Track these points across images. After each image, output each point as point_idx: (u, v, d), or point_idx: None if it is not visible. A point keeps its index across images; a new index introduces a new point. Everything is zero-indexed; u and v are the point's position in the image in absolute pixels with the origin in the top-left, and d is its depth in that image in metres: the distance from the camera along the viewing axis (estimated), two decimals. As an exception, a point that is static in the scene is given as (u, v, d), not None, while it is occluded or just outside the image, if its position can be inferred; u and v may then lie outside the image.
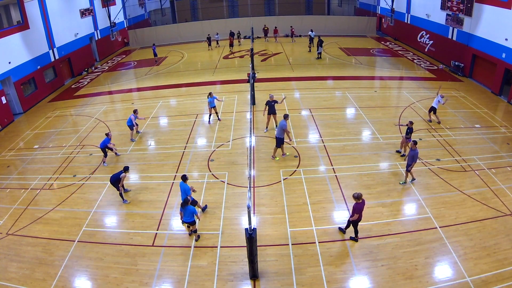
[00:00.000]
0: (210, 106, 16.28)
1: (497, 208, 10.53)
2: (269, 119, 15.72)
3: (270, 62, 27.38)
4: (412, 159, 11.25)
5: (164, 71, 26.62)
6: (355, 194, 9.00)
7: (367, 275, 8.54)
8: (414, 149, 11.22)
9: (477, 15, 20.74)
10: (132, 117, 15.30)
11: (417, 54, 28.43)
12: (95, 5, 30.32)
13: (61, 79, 24.97)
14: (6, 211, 11.56)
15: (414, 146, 11.24)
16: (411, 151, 11.32)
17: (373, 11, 37.20)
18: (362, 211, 9.15)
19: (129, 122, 15.35)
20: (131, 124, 15.32)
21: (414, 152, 11.21)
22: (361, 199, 8.99)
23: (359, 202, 8.99)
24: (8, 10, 21.10)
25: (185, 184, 10.24)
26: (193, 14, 43.66)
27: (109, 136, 13.61)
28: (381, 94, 20.00)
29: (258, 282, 8.44)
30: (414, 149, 11.21)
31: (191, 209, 9.30)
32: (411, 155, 11.29)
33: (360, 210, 9.07)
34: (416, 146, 11.26)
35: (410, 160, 11.33)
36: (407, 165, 11.50)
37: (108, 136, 13.58)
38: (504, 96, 18.95)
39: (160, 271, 8.91)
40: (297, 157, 13.65)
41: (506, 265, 8.56)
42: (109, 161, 13.91)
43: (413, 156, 11.22)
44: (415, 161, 11.30)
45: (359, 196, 8.95)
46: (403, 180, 11.88)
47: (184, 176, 10.35)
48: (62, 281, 8.77)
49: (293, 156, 13.71)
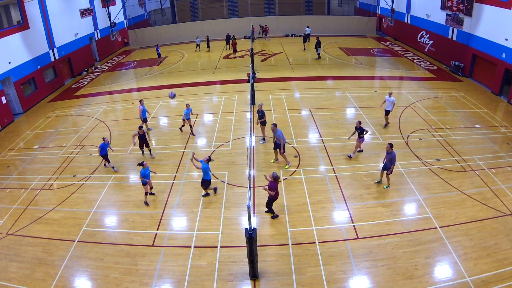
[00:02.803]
0: (186, 118, 15.50)
1: (497, 208, 10.53)
2: (263, 130, 15.00)
3: (270, 62, 27.39)
4: (391, 162, 11.04)
5: (164, 71, 26.62)
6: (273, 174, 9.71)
7: (367, 275, 8.54)
8: (390, 152, 11.00)
9: (477, 15, 20.74)
10: (140, 108, 15.64)
11: (417, 54, 28.43)
12: (95, 5, 30.32)
13: (61, 79, 24.97)
14: (6, 211, 11.56)
15: (390, 149, 11.01)
16: (388, 154, 11.10)
17: (373, 11, 37.19)
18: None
19: (144, 114, 15.74)
20: (145, 116, 15.81)
21: (391, 155, 10.99)
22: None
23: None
24: (8, 10, 21.09)
25: (205, 164, 11.00)
26: (193, 14, 43.65)
27: (105, 141, 13.03)
28: (381, 94, 19.95)
29: (258, 282, 8.44)
30: (391, 152, 10.99)
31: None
32: (389, 158, 11.07)
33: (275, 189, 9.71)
34: (392, 149, 11.02)
35: (389, 163, 11.12)
36: (386, 168, 11.24)
37: (104, 141, 13.01)
38: (504, 96, 18.95)
39: (160, 271, 8.91)
40: (297, 157, 13.65)
41: (506, 265, 8.56)
42: (113, 161, 13.80)
43: (391, 159, 11.01)
44: (393, 164, 11.08)
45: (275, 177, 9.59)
46: (386, 184, 11.65)
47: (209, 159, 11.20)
48: (62, 281, 8.77)
49: (293, 156, 13.71)
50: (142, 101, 16.02)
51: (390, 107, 15.26)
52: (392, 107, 15.28)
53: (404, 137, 14.81)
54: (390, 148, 11.04)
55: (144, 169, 11.02)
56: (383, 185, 11.69)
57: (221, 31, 35.31)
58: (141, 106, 15.68)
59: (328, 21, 36.74)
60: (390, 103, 15.17)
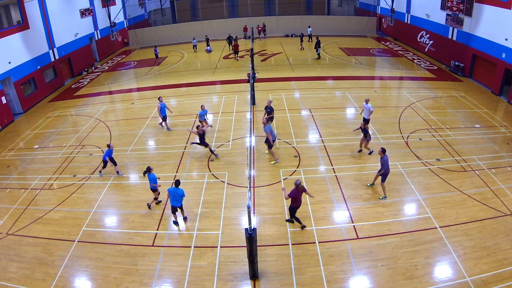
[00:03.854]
0: (201, 119, 15.50)
1: (497, 208, 10.53)
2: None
3: (270, 62, 27.38)
4: (382, 167, 10.80)
5: (164, 71, 26.62)
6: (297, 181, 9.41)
7: (367, 275, 8.54)
8: (382, 156, 10.74)
9: (477, 15, 20.74)
10: (159, 105, 15.70)
11: (417, 54, 28.43)
12: (95, 5, 30.32)
13: (61, 79, 24.97)
14: (6, 211, 11.56)
15: (381, 153, 10.77)
16: (380, 159, 10.87)
17: (373, 11, 37.19)
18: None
19: (163, 112, 15.81)
20: (165, 114, 15.90)
21: (382, 159, 10.73)
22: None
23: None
24: (8, 10, 21.10)
25: (178, 188, 9.97)
26: (193, 14, 43.65)
27: (111, 148, 12.76)
28: (381, 94, 20.01)
29: (258, 282, 8.44)
30: (383, 157, 10.75)
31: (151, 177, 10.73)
32: (381, 163, 10.83)
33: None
34: (384, 154, 10.73)
35: (381, 167, 10.86)
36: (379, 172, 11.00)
37: (110, 147, 12.74)
38: (504, 96, 18.95)
39: (160, 271, 8.91)
40: (297, 157, 13.65)
41: (506, 265, 8.56)
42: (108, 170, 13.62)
43: (382, 164, 10.76)
44: (382, 169, 10.78)
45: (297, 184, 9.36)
46: (382, 195, 11.25)
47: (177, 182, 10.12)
48: (62, 281, 8.77)
49: (293, 156, 13.71)
50: (161, 98, 16.04)
51: (367, 115, 14.42)
52: (369, 115, 14.44)
53: (404, 137, 14.81)
54: (382, 153, 10.76)
55: (153, 174, 10.81)
56: (378, 196, 11.27)
57: (221, 31, 35.31)
58: (160, 103, 15.75)
59: (328, 21, 36.74)
60: (367, 111, 14.33)
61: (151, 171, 10.84)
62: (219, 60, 28.54)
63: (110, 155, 12.73)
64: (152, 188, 10.97)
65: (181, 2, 43.26)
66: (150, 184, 10.86)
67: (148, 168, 10.85)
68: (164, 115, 15.98)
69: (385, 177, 10.96)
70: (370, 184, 11.77)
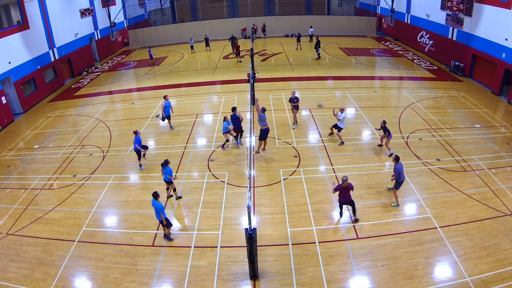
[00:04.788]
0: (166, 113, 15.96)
1: (497, 208, 10.53)
2: (295, 114, 16.00)
3: (270, 62, 27.38)
4: (395, 174, 10.50)
5: (164, 71, 26.62)
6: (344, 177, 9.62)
7: (367, 275, 8.54)
8: (395, 164, 10.43)
9: (477, 15, 20.74)
10: (162, 104, 15.76)
11: (417, 54, 28.43)
12: (95, 5, 30.32)
13: (61, 79, 24.97)
14: (6, 211, 11.56)
15: (394, 161, 10.46)
16: (394, 166, 10.55)
17: (373, 11, 37.20)
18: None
19: (167, 111, 15.85)
20: (168, 113, 15.94)
21: (395, 167, 10.43)
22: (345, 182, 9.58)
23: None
24: (8, 10, 21.10)
25: (157, 202, 9.43)
26: (193, 14, 43.67)
27: (138, 134, 12.84)
28: (381, 94, 20.01)
29: (258, 282, 8.44)
30: (395, 164, 10.40)
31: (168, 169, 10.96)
32: (394, 170, 10.55)
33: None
34: (397, 161, 10.36)
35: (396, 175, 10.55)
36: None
37: (137, 134, 12.83)
38: (504, 96, 18.95)
39: (160, 271, 8.91)
40: (297, 157, 13.65)
41: (506, 265, 8.56)
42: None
43: (395, 171, 10.48)
44: (395, 177, 10.45)
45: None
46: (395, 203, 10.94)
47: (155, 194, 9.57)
48: (62, 281, 8.77)
49: (293, 156, 13.71)
50: (166, 97, 16.07)
51: (342, 124, 14.01)
52: (343, 125, 14.07)
53: (404, 137, 14.81)
54: (395, 161, 10.39)
55: (169, 167, 11.07)
56: (391, 203, 11.01)
57: (221, 31, 35.30)
58: (164, 102, 15.80)
59: (328, 21, 36.74)
60: (341, 120, 13.88)
61: (168, 164, 11.04)
62: (219, 60, 28.54)
63: (139, 142, 12.88)
64: (166, 180, 11.13)
65: (181, 2, 43.29)
66: (165, 176, 11.01)
67: (166, 160, 11.09)
68: (167, 114, 16.00)
69: (399, 185, 10.64)
70: (389, 187, 11.48)
